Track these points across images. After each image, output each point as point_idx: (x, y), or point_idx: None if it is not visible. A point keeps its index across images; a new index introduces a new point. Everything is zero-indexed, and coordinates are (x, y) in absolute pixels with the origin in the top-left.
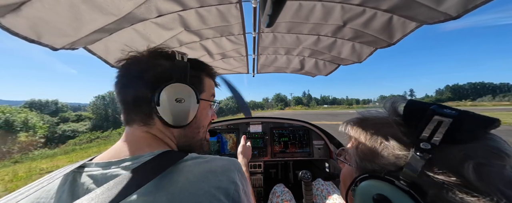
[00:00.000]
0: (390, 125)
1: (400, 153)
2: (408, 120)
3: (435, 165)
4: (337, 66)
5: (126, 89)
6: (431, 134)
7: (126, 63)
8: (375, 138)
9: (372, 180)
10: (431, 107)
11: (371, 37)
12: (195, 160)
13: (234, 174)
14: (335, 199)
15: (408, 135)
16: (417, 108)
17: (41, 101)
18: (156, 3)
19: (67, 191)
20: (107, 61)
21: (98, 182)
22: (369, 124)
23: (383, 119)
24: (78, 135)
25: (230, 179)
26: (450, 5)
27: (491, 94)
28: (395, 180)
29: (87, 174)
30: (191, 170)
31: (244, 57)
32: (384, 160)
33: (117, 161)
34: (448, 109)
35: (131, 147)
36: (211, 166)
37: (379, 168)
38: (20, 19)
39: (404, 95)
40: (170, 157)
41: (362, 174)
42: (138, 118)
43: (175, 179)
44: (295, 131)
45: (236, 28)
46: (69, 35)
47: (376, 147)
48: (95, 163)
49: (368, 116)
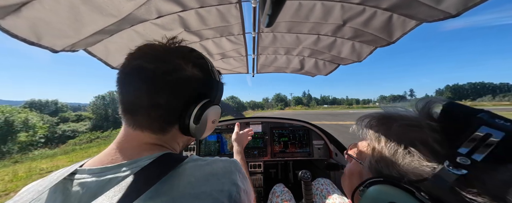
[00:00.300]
0: (422, 130)
1: (429, 164)
2: (446, 126)
3: (471, 183)
4: (337, 66)
5: (152, 94)
6: (473, 147)
7: (151, 57)
8: (400, 142)
9: (387, 185)
10: (479, 114)
11: (371, 36)
12: (195, 162)
13: (235, 175)
14: (335, 199)
15: (442, 145)
16: (460, 114)
17: (41, 101)
18: (156, 4)
19: (60, 201)
20: (107, 63)
21: (92, 190)
22: (395, 124)
23: (414, 121)
24: (78, 135)
25: (231, 181)
26: (449, 3)
27: (491, 94)
28: (416, 191)
29: (79, 182)
30: (192, 173)
31: (244, 57)
32: (406, 167)
33: (113, 167)
34: (500, 120)
35: (128, 150)
36: (212, 169)
37: (398, 175)
38: (20, 21)
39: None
40: (169, 160)
41: (376, 177)
42: (155, 126)
43: (176, 183)
44: (295, 131)
45: (236, 28)
46: (69, 37)
47: (399, 151)
48: (87, 169)
49: (394, 114)
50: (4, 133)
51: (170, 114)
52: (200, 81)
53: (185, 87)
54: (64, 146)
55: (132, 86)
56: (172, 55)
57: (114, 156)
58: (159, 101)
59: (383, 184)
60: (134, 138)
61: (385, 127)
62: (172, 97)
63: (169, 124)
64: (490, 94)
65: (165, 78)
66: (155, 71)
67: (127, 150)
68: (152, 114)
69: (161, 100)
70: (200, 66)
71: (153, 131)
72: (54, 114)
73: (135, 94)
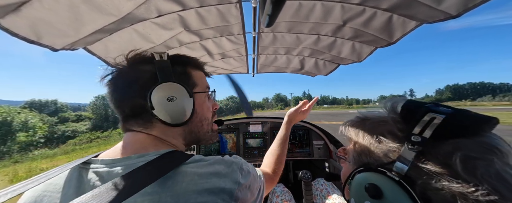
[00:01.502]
0: (387, 123)
1: (394, 145)
2: (404, 117)
3: (425, 157)
4: (337, 66)
5: (121, 102)
6: (423, 128)
7: (112, 78)
8: (372, 134)
9: (366, 172)
10: (426, 105)
11: (371, 36)
12: (198, 162)
13: (237, 174)
14: (334, 199)
15: (402, 131)
16: (414, 106)
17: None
18: (156, 3)
19: (74, 187)
20: (106, 62)
21: (104, 179)
22: (368, 122)
23: (382, 118)
24: (78, 135)
25: (233, 180)
26: (450, 4)
27: (491, 94)
28: (387, 171)
29: (93, 171)
30: (195, 172)
31: (244, 57)
32: (379, 153)
33: (122, 159)
34: (443, 107)
35: (135, 146)
36: (215, 169)
37: (374, 161)
38: (20, 19)
39: (404, 95)
40: (174, 158)
41: (358, 168)
42: (137, 124)
43: (180, 180)
44: (295, 131)
45: (236, 28)
46: (69, 36)
47: (372, 142)
48: (100, 159)
49: (368, 116)
50: (2, 133)
51: (139, 111)
52: (146, 71)
53: (136, 85)
54: (64, 146)
55: (112, 102)
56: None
57: (124, 149)
58: (129, 106)
59: (363, 171)
60: (132, 137)
61: (361, 126)
62: (136, 98)
63: (146, 121)
64: (490, 94)
65: (126, 87)
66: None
67: (134, 145)
68: (132, 117)
69: (127, 106)
70: (145, 60)
71: (140, 130)
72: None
73: (112, 103)
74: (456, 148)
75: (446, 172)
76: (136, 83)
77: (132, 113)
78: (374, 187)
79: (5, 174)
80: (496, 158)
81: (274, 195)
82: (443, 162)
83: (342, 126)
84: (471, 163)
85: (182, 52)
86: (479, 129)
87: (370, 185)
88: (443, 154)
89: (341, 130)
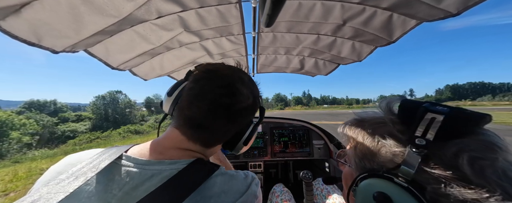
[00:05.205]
0: (386, 124)
1: (397, 149)
2: (403, 118)
3: (432, 160)
4: (337, 66)
5: (216, 120)
6: (425, 130)
7: (235, 89)
8: (373, 137)
9: (371, 178)
10: (423, 105)
11: (371, 36)
12: (223, 176)
13: (255, 188)
14: (335, 199)
15: (403, 133)
16: (411, 107)
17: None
18: (156, 4)
19: (102, 183)
20: (107, 63)
21: (134, 181)
22: (366, 124)
23: (379, 119)
24: (78, 135)
25: (253, 194)
26: (450, 2)
27: (491, 93)
28: (394, 177)
29: (125, 169)
30: (221, 188)
31: (244, 57)
32: (382, 158)
33: (156, 162)
34: (440, 107)
35: (170, 151)
36: (238, 184)
37: (378, 166)
38: (20, 22)
39: (403, 95)
40: (202, 170)
41: (362, 174)
42: (208, 142)
43: (208, 195)
44: (295, 131)
45: (235, 28)
46: (69, 38)
47: (374, 146)
48: (133, 158)
49: (365, 117)
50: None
51: (225, 136)
52: (254, 109)
53: (244, 116)
54: (64, 146)
55: (201, 110)
56: (239, 85)
57: (157, 152)
58: (219, 126)
59: (369, 178)
60: (179, 143)
61: (359, 128)
62: (231, 123)
63: (219, 142)
64: (490, 94)
65: (232, 109)
66: (230, 107)
67: (169, 151)
68: (210, 135)
69: (222, 126)
70: (255, 96)
71: (203, 144)
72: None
73: (203, 115)
74: (460, 149)
75: (455, 176)
76: (247, 113)
77: (218, 131)
78: (383, 196)
79: (5, 174)
80: (499, 156)
81: (274, 195)
82: (450, 165)
83: (340, 127)
84: (478, 164)
85: (182, 52)
86: (476, 127)
87: (379, 193)
88: (449, 156)
89: (339, 130)
